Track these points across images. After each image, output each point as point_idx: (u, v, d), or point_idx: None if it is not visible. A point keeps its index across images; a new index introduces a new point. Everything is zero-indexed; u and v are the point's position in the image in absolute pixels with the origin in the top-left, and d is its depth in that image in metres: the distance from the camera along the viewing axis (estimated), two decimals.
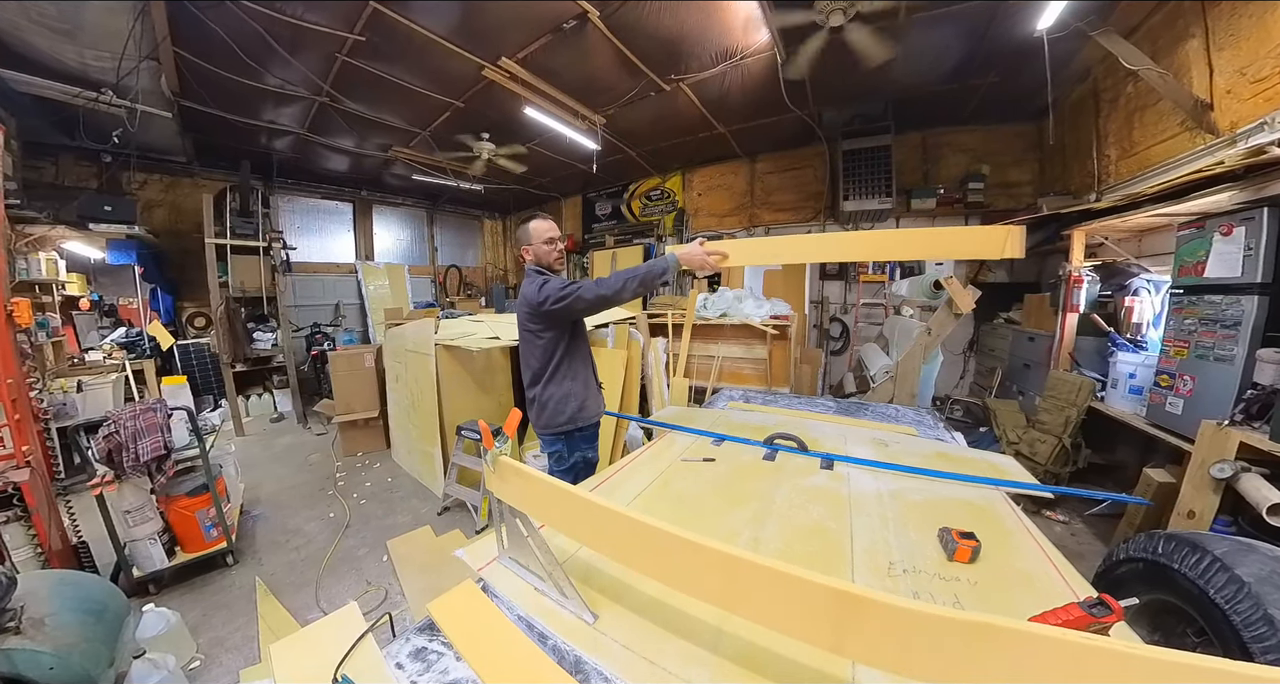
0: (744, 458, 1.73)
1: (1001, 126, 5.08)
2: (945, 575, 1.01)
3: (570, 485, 0.93)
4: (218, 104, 4.40)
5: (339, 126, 5.19)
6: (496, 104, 4.66)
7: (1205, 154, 2.70)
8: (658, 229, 7.60)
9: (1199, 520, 2.11)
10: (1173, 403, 2.57)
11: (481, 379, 3.83)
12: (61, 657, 1.29)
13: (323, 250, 7.58)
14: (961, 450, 1.94)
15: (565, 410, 1.94)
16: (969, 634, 0.53)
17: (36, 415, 2.51)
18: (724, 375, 4.28)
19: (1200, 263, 2.44)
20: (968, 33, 3.58)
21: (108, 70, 3.45)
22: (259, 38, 3.43)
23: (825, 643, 0.63)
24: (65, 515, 2.39)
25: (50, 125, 4.14)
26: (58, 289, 4.25)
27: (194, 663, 2.04)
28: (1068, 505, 3.19)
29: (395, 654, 0.86)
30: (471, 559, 1.09)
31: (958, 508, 1.34)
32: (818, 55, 3.45)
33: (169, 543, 2.54)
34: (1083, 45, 3.41)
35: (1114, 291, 3.43)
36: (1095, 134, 3.84)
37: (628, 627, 0.87)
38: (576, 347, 2.00)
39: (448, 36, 3.62)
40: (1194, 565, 1.37)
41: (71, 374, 3.90)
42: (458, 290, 9.26)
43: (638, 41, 3.73)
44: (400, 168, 6.62)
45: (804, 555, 1.11)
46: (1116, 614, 0.64)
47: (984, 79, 4.21)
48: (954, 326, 3.44)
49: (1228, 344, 2.30)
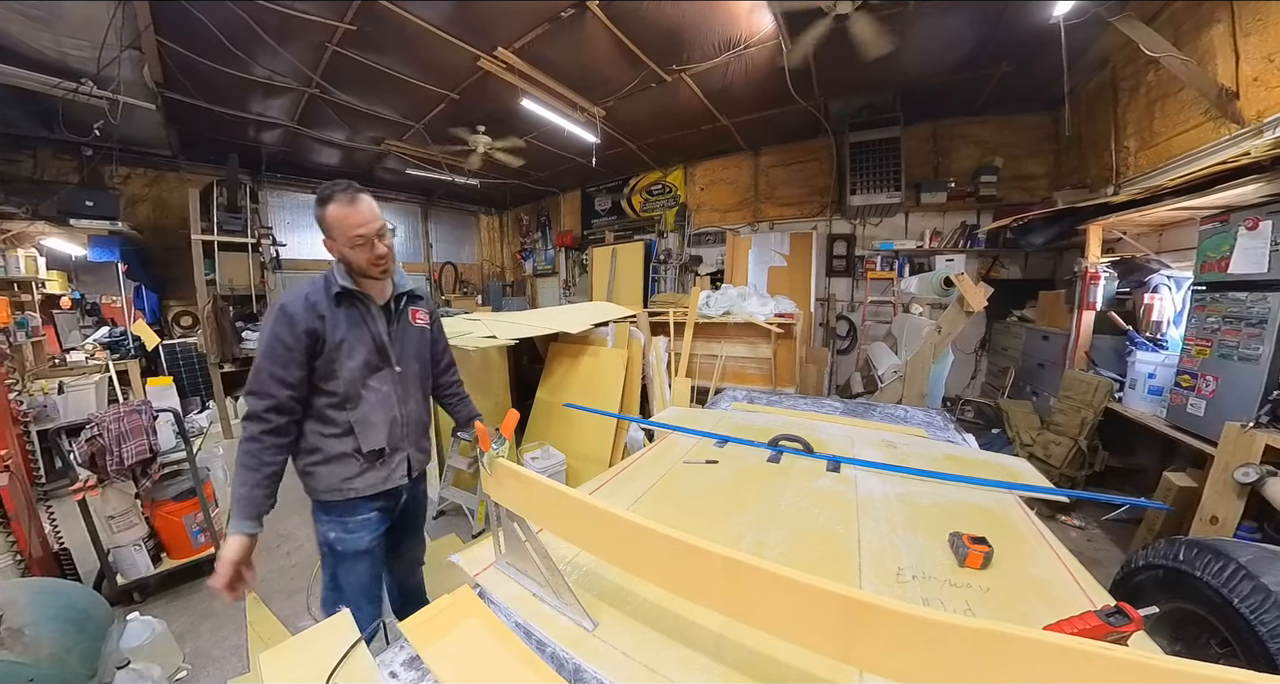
0: (748, 460, 1.70)
1: (1015, 117, 4.98)
2: (956, 582, 0.99)
3: (570, 489, 0.91)
4: (203, 95, 4.32)
5: (330, 119, 5.12)
6: (493, 96, 4.59)
7: (1230, 145, 2.65)
8: (659, 225, 7.51)
9: (1222, 526, 2.08)
10: (1194, 404, 2.51)
11: (478, 379, 3.77)
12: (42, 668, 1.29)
13: (314, 247, 7.25)
14: (973, 453, 1.91)
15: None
16: (981, 643, 0.52)
17: (16, 418, 2.49)
18: (727, 375, 4.23)
19: (1224, 258, 2.38)
20: (980, 20, 3.49)
21: (88, 60, 3.36)
22: (246, 27, 3.36)
23: (832, 651, 0.62)
24: (46, 521, 2.35)
25: (28, 117, 4.08)
26: (37, 287, 4.20)
27: (180, 673, 1.99)
28: (1084, 510, 3.14)
29: (389, 662, 0.84)
30: (467, 564, 1.07)
31: (969, 512, 1.31)
32: (824, 44, 3.36)
33: (154, 549, 2.50)
34: (1101, 32, 3.32)
35: (1132, 288, 3.39)
36: (1114, 125, 3.77)
37: (628, 634, 0.85)
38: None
39: (442, 26, 3.55)
40: (1217, 573, 1.35)
41: (52, 375, 3.87)
42: (453, 288, 9.20)
43: (638, 31, 3.66)
44: (394, 162, 6.56)
45: (810, 560, 1.09)
46: (1135, 623, 0.62)
47: (997, 68, 4.13)
48: (965, 325, 3.39)
49: (1253, 343, 2.25)
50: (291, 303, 1.32)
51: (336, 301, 1.36)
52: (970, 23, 3.53)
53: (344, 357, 1.35)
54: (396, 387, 1.46)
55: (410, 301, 1.54)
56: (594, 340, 3.82)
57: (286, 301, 1.32)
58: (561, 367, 3.92)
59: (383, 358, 1.43)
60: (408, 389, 1.49)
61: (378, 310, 1.44)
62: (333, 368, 1.34)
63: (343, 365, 1.35)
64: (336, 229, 1.31)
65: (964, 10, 3.35)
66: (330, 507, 1.44)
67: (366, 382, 1.40)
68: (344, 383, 1.36)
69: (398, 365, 1.46)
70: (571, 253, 8.93)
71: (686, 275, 7.08)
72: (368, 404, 1.40)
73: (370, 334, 1.41)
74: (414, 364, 1.53)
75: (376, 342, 1.42)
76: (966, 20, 3.49)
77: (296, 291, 1.35)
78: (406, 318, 1.52)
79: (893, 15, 3.14)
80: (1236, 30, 2.66)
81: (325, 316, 1.32)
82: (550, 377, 3.96)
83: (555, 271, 9.26)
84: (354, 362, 1.37)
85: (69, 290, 4.70)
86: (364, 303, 1.41)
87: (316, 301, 1.33)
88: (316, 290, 1.36)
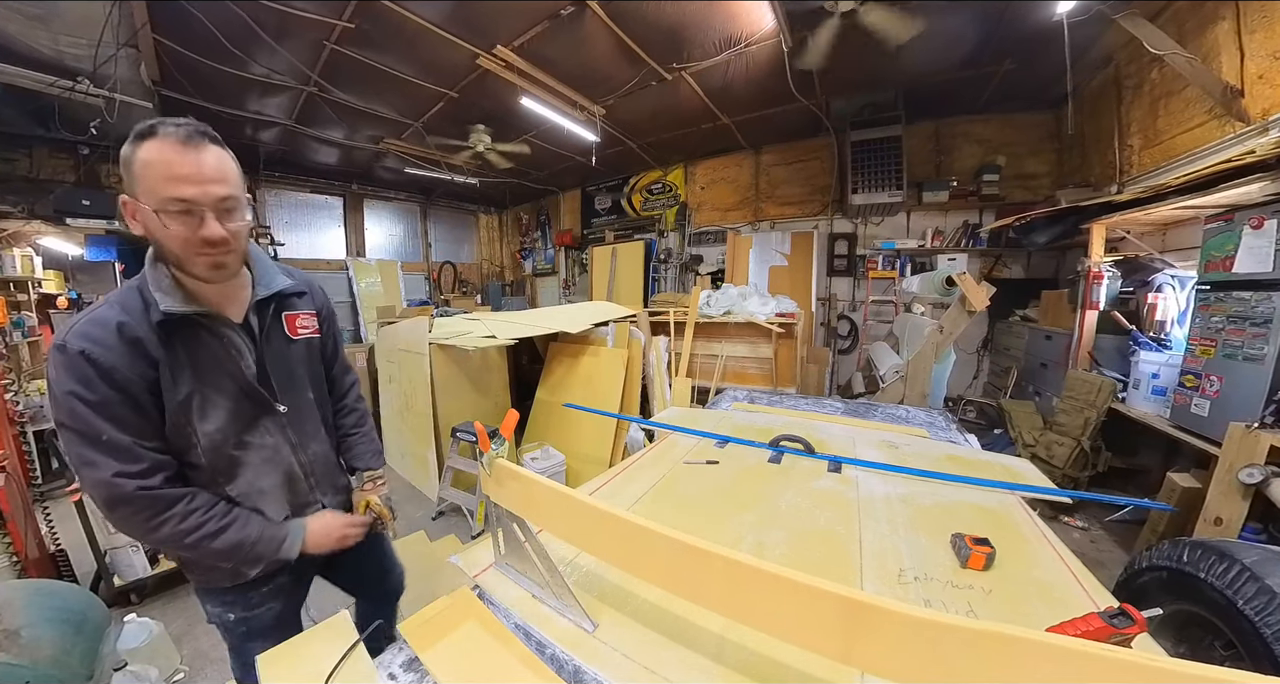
0: (749, 460, 1.69)
1: (1018, 115, 4.95)
2: (958, 583, 0.98)
3: (569, 489, 0.88)
4: (201, 94, 4.29)
5: (328, 117, 5.10)
6: (492, 94, 4.57)
7: (1235, 143, 2.62)
8: (659, 224, 7.49)
9: (1226, 527, 2.07)
10: (1198, 404, 2.50)
11: (477, 379, 3.77)
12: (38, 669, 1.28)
13: (312, 246, 7.46)
14: (975, 453, 1.89)
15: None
16: (983, 644, 0.52)
17: (12, 418, 2.47)
18: (728, 375, 4.21)
19: (1229, 257, 2.37)
20: (983, 17, 3.46)
21: (84, 58, 3.33)
22: (243, 25, 3.34)
23: (833, 652, 0.61)
24: (43, 522, 2.35)
25: (23, 115, 4.05)
26: (34, 287, 4.17)
27: (177, 675, 1.98)
28: (1087, 511, 3.13)
29: (388, 664, 0.83)
30: (467, 565, 1.06)
31: (971, 513, 1.31)
32: (826, 42, 3.34)
33: (152, 550, 2.46)
34: (1104, 29, 3.29)
35: (1136, 288, 3.38)
36: (1117, 123, 3.75)
37: (628, 635, 0.85)
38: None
39: (441, 24, 3.53)
40: (1222, 575, 1.35)
41: None
42: (452, 287, 9.17)
43: (638, 29, 3.63)
44: (392, 161, 6.53)
45: (811, 561, 1.08)
46: (1139, 625, 0.61)
47: (1000, 66, 4.10)
48: (967, 324, 3.36)
49: (1258, 343, 2.23)
50: (91, 343, 0.81)
51: (166, 333, 0.87)
52: (973, 20, 3.50)
53: (195, 418, 0.91)
54: (287, 432, 1.06)
55: (282, 306, 1.07)
56: (594, 340, 3.80)
57: (77, 344, 0.81)
58: (561, 366, 3.90)
59: (257, 403, 1.00)
60: (303, 430, 1.10)
61: (235, 334, 0.97)
62: (184, 435, 0.91)
63: (197, 430, 0.92)
64: (145, 179, 0.80)
65: (966, 8, 3.32)
66: (223, 589, 1.05)
67: (242, 439, 0.98)
68: (205, 452, 0.94)
69: (281, 404, 1.04)
70: (571, 252, 8.91)
71: (687, 275, 7.06)
72: (250, 470, 1.00)
73: (229, 374, 0.96)
74: (305, 393, 1.11)
75: (241, 383, 0.97)
76: (969, 18, 3.47)
77: (90, 319, 0.84)
78: (280, 332, 1.06)
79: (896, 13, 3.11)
80: (1242, 27, 2.63)
81: (159, 360, 0.86)
82: (550, 377, 3.94)
83: (555, 271, 9.24)
84: (213, 422, 0.94)
85: (65, 290, 4.64)
86: (209, 328, 0.93)
87: (138, 336, 0.85)
88: (131, 313, 0.86)
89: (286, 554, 1.01)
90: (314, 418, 1.15)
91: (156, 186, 0.80)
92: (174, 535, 0.88)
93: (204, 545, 0.91)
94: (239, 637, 1.11)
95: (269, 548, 0.99)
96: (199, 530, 0.90)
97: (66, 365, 0.81)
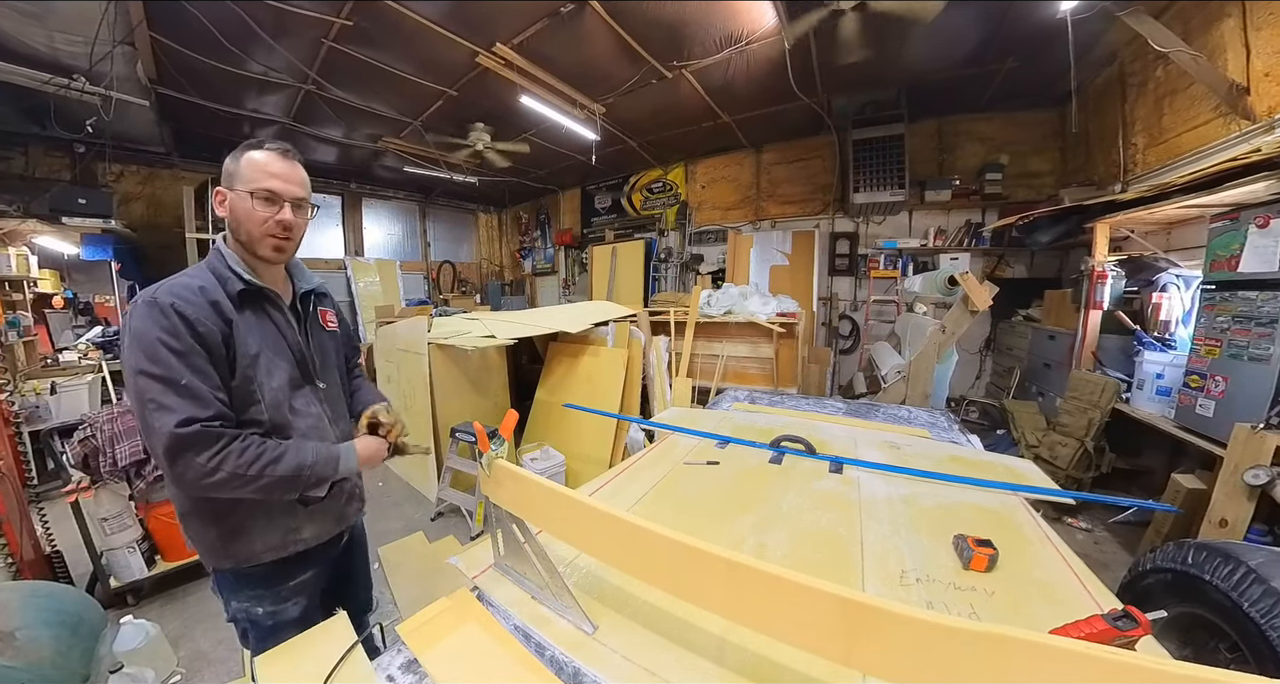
0: (749, 461, 1.68)
1: (1021, 114, 4.93)
2: (960, 585, 0.98)
3: (569, 490, 0.89)
4: (198, 91, 4.29)
5: (326, 116, 5.09)
6: (491, 92, 4.56)
7: (1240, 141, 2.61)
8: (660, 223, 7.47)
9: (1231, 529, 2.06)
10: (1203, 405, 2.49)
11: (477, 379, 3.76)
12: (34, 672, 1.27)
13: (309, 245, 7.27)
14: (978, 454, 1.89)
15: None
16: (986, 646, 0.52)
17: (7, 419, 2.46)
18: (728, 375, 4.19)
19: (1234, 257, 2.36)
20: (986, 15, 3.45)
21: (80, 55, 3.32)
22: (241, 22, 3.33)
23: (834, 654, 0.61)
24: (38, 524, 2.34)
25: (19, 113, 4.05)
26: (29, 286, 4.17)
27: (174, 677, 1.97)
28: (1090, 512, 3.11)
29: (386, 666, 0.83)
30: (466, 566, 1.06)
31: (974, 514, 1.30)
32: (826, 39, 3.34)
33: (149, 551, 2.48)
34: (1109, 26, 3.30)
35: (1140, 287, 3.36)
36: (1121, 121, 3.74)
37: (629, 637, 0.85)
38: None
39: (439, 22, 3.52)
40: (1227, 577, 1.34)
41: (45, 375, 3.83)
42: (452, 287, 9.16)
43: (638, 26, 3.62)
44: (391, 159, 6.53)
45: (812, 563, 1.08)
46: (1143, 627, 0.61)
47: (1003, 64, 4.10)
48: (970, 324, 3.35)
49: (1263, 343, 2.21)
50: (179, 299, 0.96)
51: (240, 301, 1.05)
52: (976, 18, 3.49)
53: (262, 374, 1.05)
54: (324, 407, 1.20)
55: (319, 301, 1.28)
56: (594, 340, 3.79)
57: (167, 298, 0.95)
58: (561, 366, 3.89)
59: (305, 374, 1.16)
60: (335, 408, 1.24)
61: (288, 313, 1.15)
62: (251, 390, 1.03)
63: (264, 386, 1.05)
64: (244, 175, 1.02)
65: (970, 6, 3.30)
66: (253, 575, 1.13)
67: (293, 405, 1.12)
68: (269, 407, 1.05)
69: (320, 381, 1.20)
70: (571, 251, 8.90)
71: (687, 274, 7.04)
72: (300, 432, 1.11)
73: (288, 344, 1.13)
74: (334, 377, 1.28)
75: (297, 353, 1.14)
76: (972, 16, 3.45)
77: (174, 283, 1.01)
78: (318, 321, 1.25)
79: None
80: (1247, 25, 2.62)
81: (233, 321, 1.02)
82: (550, 377, 3.93)
83: (555, 270, 9.23)
84: (276, 380, 1.08)
85: (61, 289, 4.66)
86: (274, 303, 1.12)
87: (218, 299, 1.01)
88: (210, 284, 1.03)
89: (346, 470, 1.12)
90: (342, 400, 1.30)
91: (256, 177, 1.03)
92: (237, 469, 0.95)
93: (268, 473, 0.98)
94: (265, 631, 1.17)
95: (328, 467, 1.08)
96: (259, 460, 0.97)
97: (157, 317, 0.94)
